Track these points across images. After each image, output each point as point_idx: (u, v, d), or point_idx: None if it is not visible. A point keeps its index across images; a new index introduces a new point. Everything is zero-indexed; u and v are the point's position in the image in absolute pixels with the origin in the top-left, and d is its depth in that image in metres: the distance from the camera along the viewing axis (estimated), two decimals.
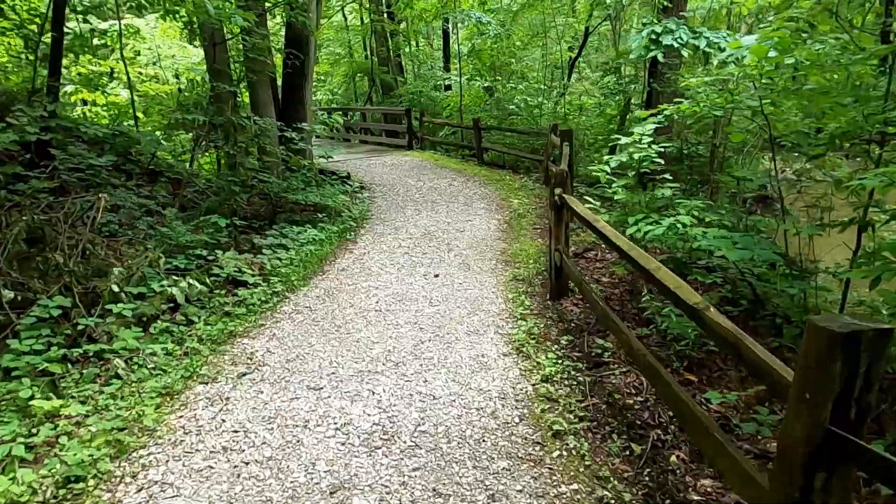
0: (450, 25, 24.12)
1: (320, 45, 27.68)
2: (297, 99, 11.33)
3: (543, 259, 6.53)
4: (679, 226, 3.81)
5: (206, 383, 3.99)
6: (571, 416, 3.47)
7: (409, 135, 16.11)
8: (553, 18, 15.48)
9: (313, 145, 11.90)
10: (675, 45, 4.72)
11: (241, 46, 9.77)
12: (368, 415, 3.55)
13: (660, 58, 4.87)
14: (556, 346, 4.37)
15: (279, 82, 11.91)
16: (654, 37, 4.83)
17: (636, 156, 4.20)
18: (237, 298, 5.49)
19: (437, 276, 6.22)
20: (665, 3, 8.65)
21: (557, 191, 5.14)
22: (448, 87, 21.65)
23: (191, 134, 9.93)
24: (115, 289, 4.67)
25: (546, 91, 17.05)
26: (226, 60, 10.60)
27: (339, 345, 4.59)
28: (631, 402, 3.63)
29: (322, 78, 25.96)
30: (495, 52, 15.16)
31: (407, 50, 23.81)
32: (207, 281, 5.46)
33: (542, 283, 5.84)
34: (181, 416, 3.59)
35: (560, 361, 4.12)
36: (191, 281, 5.17)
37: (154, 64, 16.25)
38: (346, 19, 24.81)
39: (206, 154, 12.00)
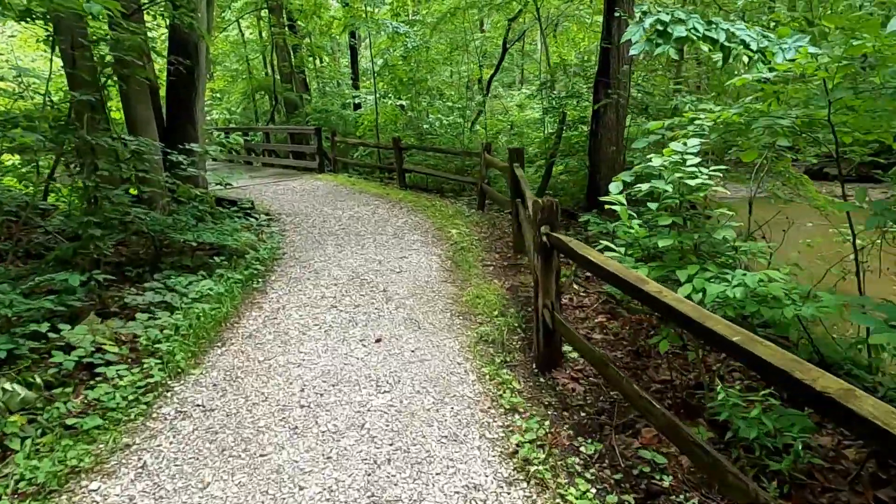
0: (357, 41, 22.69)
1: (216, 61, 25.27)
2: (186, 115, 9.41)
3: (510, 309, 5.17)
4: (756, 284, 2.58)
5: None
6: None
7: (321, 156, 14.41)
8: (472, 33, 14.41)
9: (207, 170, 9.99)
10: (692, 37, 3.55)
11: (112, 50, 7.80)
12: None
13: (672, 54, 3.68)
14: (578, 462, 2.96)
15: (164, 95, 9.91)
16: (660, 27, 3.62)
17: (691, 182, 2.96)
18: (91, 399, 3.68)
19: (378, 340, 4.68)
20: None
21: (544, 229, 3.79)
22: (358, 106, 20.12)
23: (40, 159, 7.79)
24: None
25: (461, 109, 16.00)
26: (91, 68, 8.55)
27: (248, 481, 2.94)
28: None
29: (218, 96, 23.59)
30: (413, 67, 13.87)
31: (312, 66, 22.06)
32: (38, 379, 3.60)
33: (520, 346, 4.46)
34: None
35: (598, 497, 2.71)
36: (6, 385, 3.32)
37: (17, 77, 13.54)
38: (242, 34, 22.68)
39: (72, 184, 9.73)
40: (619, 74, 7.73)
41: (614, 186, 3.74)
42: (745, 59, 3.58)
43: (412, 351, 4.44)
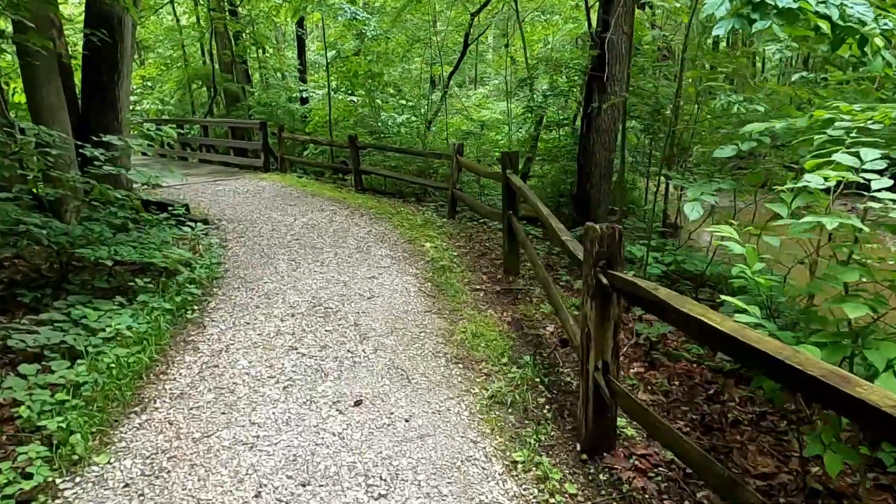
0: (305, 31, 21.13)
1: (147, 47, 23.06)
2: (106, 102, 7.89)
3: (523, 356, 4.11)
4: None
5: None
6: None
7: (266, 153, 12.93)
8: (431, 26, 13.30)
9: (134, 167, 8.47)
10: (807, 7, 2.60)
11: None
12: None
13: (777, 31, 2.72)
14: None
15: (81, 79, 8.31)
16: None
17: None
18: None
19: (359, 402, 3.51)
20: None
21: (602, 265, 2.75)
22: (305, 101, 18.63)
23: None
24: None
25: (414, 108, 14.88)
26: None
27: None
28: None
29: (150, 84, 21.48)
30: (371, 59, 12.61)
31: (255, 56, 20.36)
32: None
33: (549, 413, 3.40)
34: None
35: None
36: None
37: None
38: (177, 17, 20.68)
39: None
40: (615, 71, 6.83)
41: (691, 208, 2.73)
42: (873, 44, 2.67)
43: (406, 420, 3.30)
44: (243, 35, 18.78)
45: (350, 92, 15.36)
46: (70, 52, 8.20)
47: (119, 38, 7.84)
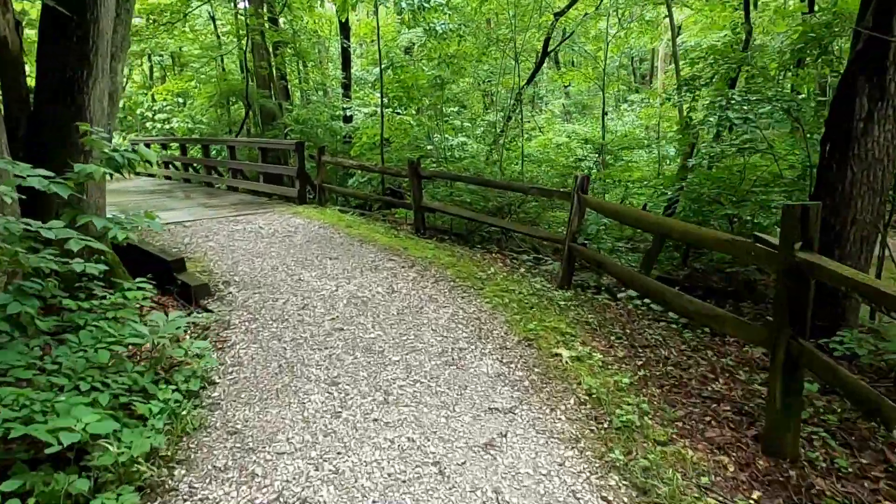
0: (350, 43, 18.66)
1: (184, 61, 20.92)
2: (69, 111, 5.26)
3: None
4: None
5: None
6: None
7: (302, 181, 10.23)
8: (512, 26, 10.41)
9: (112, 208, 5.81)
10: None
11: None
12: None
13: None
14: None
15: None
16: None
17: None
18: None
19: None
20: None
21: None
22: (348, 119, 16.07)
23: None
24: None
25: (479, 127, 12.07)
26: None
27: None
28: None
29: (180, 100, 19.26)
30: (442, 63, 9.84)
31: (296, 69, 17.95)
32: None
33: None
34: None
35: None
36: None
37: None
38: (214, 22, 18.48)
39: None
40: None
41: None
42: None
43: None
44: (283, 47, 16.39)
45: (403, 108, 12.65)
46: (20, 43, 5.60)
47: (93, 15, 5.21)
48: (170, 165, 15.43)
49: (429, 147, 11.76)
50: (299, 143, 10.23)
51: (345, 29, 16.86)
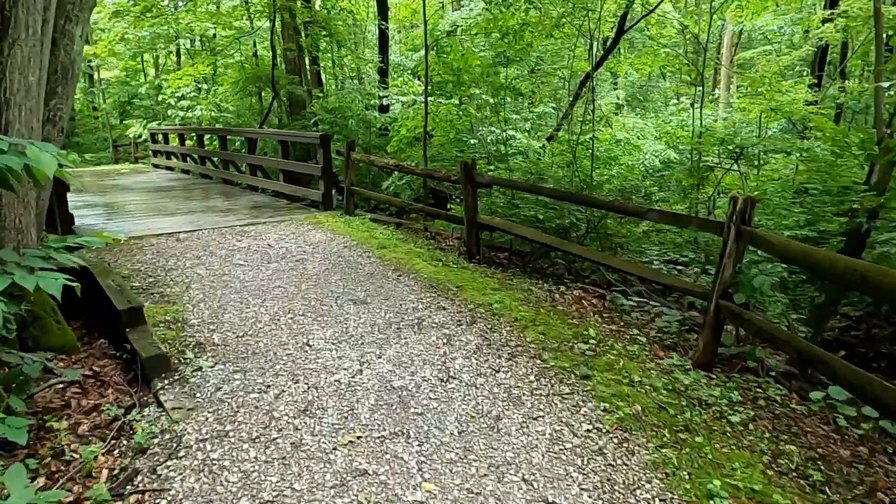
0: (387, 25, 16.69)
1: (212, 46, 19.26)
2: None
3: None
4: None
5: None
6: None
7: (328, 183, 8.36)
8: None
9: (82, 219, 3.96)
10: None
11: None
12: None
13: None
14: None
15: None
16: None
17: None
18: None
19: None
20: None
21: None
22: (384, 109, 14.17)
23: None
24: None
25: (542, 126, 9.97)
26: None
27: None
28: None
29: (205, 86, 17.65)
30: (506, 40, 7.75)
31: (328, 51, 16.12)
32: None
33: None
34: None
35: None
36: None
37: None
38: (247, 3, 16.76)
39: None
40: None
41: None
42: None
43: None
44: (314, 26, 14.54)
45: (447, 97, 10.65)
46: None
47: None
48: (187, 158, 13.80)
49: (472, 141, 9.80)
50: (324, 135, 8.34)
51: (383, 8, 14.93)
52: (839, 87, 10.40)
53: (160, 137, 15.55)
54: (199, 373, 3.37)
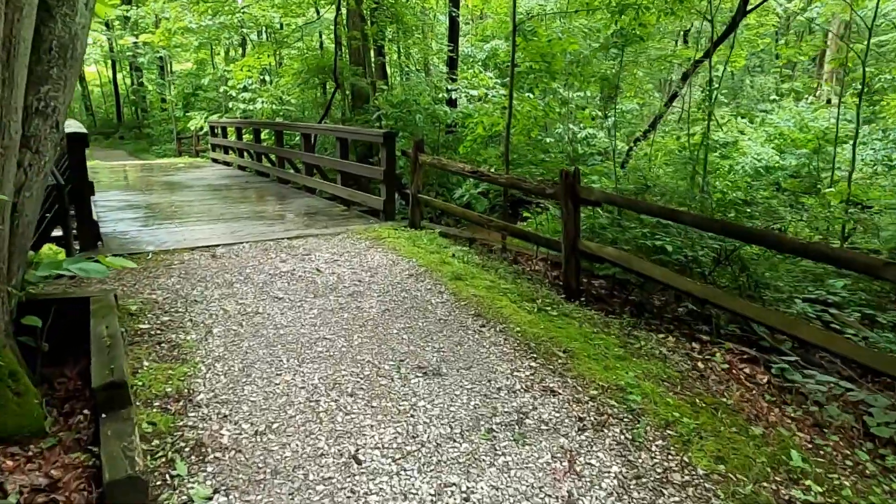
0: (458, 13, 15.32)
1: (278, 37, 18.45)
2: None
3: None
4: None
5: None
6: None
7: (391, 188, 7.11)
8: None
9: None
10: None
11: None
12: None
13: None
14: None
15: None
16: None
17: None
18: None
19: None
20: None
21: None
22: (452, 103, 12.85)
23: None
24: None
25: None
26: None
27: None
28: None
29: (265, 78, 16.87)
30: (614, 18, 6.26)
31: (395, 40, 14.94)
32: None
33: None
34: None
35: None
36: None
37: None
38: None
39: None
40: None
41: None
42: None
43: None
44: (381, 12, 13.36)
45: (531, 89, 9.19)
46: None
47: None
48: (244, 154, 12.95)
49: (548, 140, 8.32)
50: (388, 133, 7.08)
51: None
52: None
53: (219, 130, 14.83)
54: None
